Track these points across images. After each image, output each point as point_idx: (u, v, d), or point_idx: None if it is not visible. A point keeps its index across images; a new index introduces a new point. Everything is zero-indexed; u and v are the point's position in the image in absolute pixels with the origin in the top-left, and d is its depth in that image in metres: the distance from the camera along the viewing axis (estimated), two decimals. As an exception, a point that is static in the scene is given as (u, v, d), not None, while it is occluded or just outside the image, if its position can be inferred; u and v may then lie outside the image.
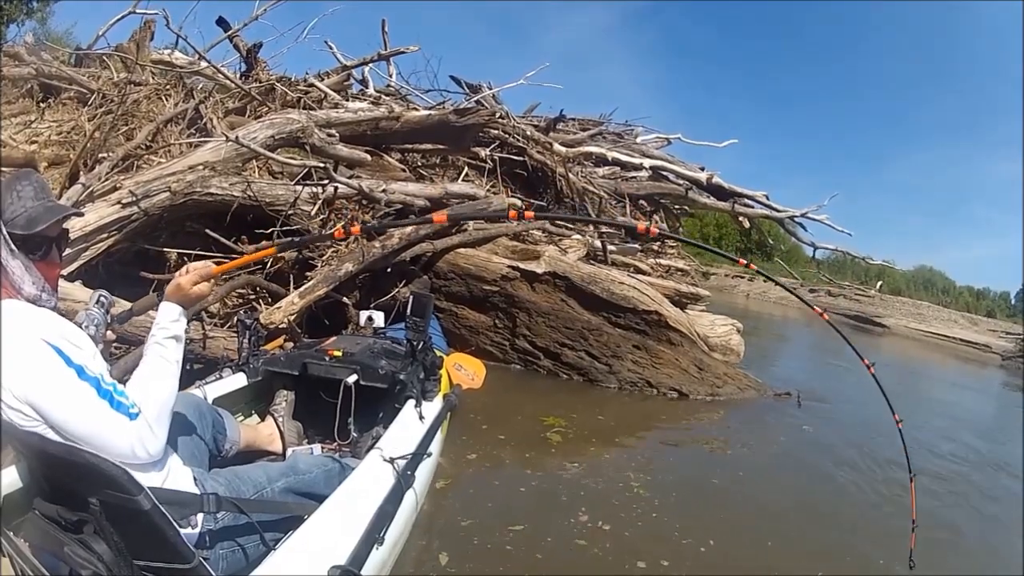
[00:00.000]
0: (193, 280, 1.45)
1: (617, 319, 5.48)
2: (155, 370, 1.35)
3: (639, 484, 3.29)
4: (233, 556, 1.47)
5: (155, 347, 1.38)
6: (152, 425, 1.26)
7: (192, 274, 1.45)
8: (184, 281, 1.44)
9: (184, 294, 1.44)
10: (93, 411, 1.19)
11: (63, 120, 4.91)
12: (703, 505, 3.27)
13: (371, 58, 7.84)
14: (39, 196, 1.29)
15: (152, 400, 1.29)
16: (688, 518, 2.98)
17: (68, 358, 1.19)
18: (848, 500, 3.70)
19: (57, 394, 1.16)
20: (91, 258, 3.47)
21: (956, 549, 3.27)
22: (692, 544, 2.72)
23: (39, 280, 1.27)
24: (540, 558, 2.41)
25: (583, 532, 2.67)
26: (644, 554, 2.55)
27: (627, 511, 2.94)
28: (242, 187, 4.11)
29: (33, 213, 1.26)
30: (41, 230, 1.27)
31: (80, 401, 1.18)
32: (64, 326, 1.24)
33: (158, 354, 1.37)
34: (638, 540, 2.67)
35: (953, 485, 4.42)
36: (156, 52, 6.70)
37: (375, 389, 2.42)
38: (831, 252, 12.35)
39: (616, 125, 11.74)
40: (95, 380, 1.20)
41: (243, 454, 2.04)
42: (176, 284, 1.44)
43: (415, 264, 5.04)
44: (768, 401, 5.80)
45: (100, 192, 3.73)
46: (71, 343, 1.21)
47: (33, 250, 1.26)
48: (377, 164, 5.81)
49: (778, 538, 2.96)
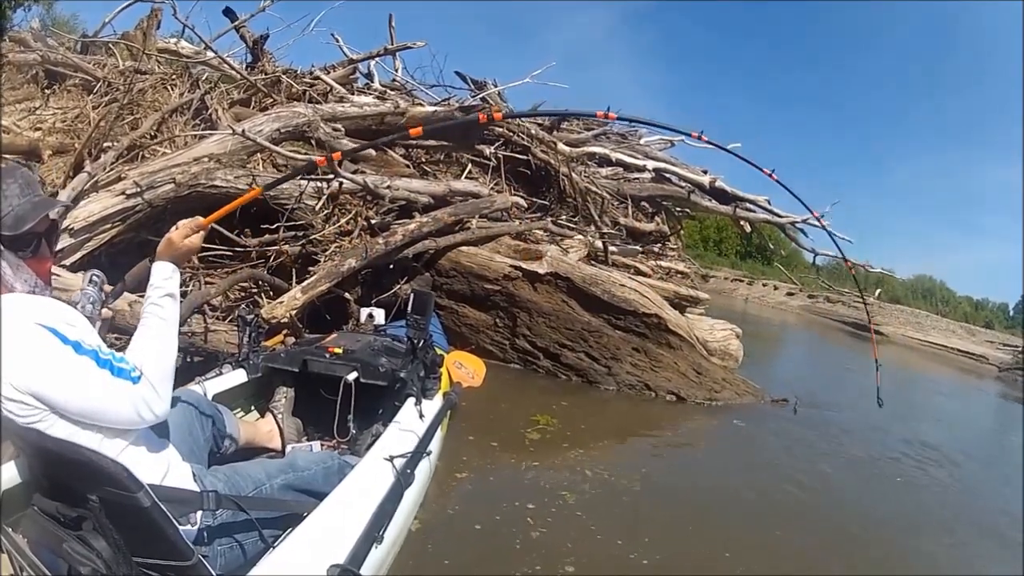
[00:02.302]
0: (183, 234, 1.42)
1: (617, 321, 5.48)
2: (153, 330, 1.33)
3: (590, 488, 3.23)
4: (232, 553, 1.47)
5: (151, 307, 1.36)
6: (156, 386, 1.26)
7: (181, 228, 1.43)
8: (175, 236, 1.42)
9: (175, 249, 1.42)
10: (95, 382, 1.18)
11: (68, 108, 4.90)
12: (644, 509, 3.19)
13: (377, 52, 7.81)
14: (24, 192, 1.26)
15: (153, 360, 1.28)
16: (620, 522, 2.94)
17: (63, 336, 1.18)
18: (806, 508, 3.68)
19: (58, 372, 1.16)
20: (94, 248, 3.47)
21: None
22: (623, 547, 2.68)
23: (31, 277, 1.26)
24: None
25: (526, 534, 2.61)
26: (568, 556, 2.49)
27: (565, 515, 2.88)
28: (247, 180, 4.11)
29: (20, 212, 1.24)
30: (29, 228, 1.25)
31: (81, 374, 1.17)
32: (55, 307, 1.23)
33: (155, 314, 1.35)
34: (566, 543, 2.60)
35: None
36: (162, 41, 6.68)
37: (375, 387, 2.43)
38: (831, 259, 12.32)
39: (620, 126, 11.71)
40: (93, 352, 1.20)
41: (242, 451, 2.05)
42: (167, 240, 1.42)
43: (417, 261, 5.04)
44: (765, 407, 5.81)
45: (105, 182, 3.73)
46: (65, 322, 1.20)
47: (22, 248, 1.25)
48: (381, 160, 5.81)
49: (710, 544, 2.90)
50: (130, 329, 2.78)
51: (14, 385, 1.14)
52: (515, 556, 2.43)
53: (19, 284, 1.23)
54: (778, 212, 10.37)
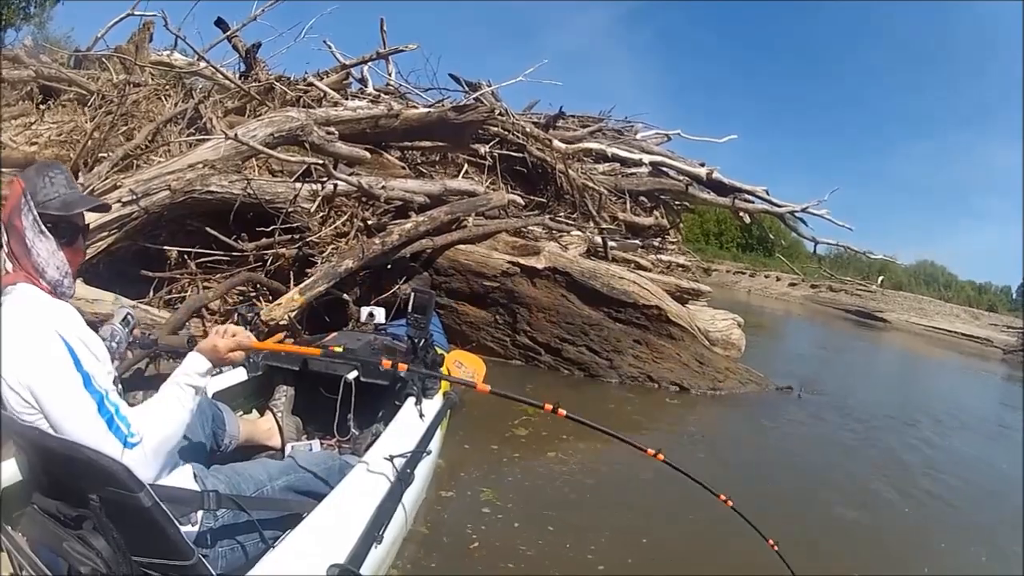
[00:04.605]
0: (230, 346, 1.46)
1: (618, 314, 5.47)
2: (168, 408, 1.35)
3: (591, 482, 3.22)
4: (232, 554, 1.47)
5: (175, 388, 1.38)
6: (148, 456, 1.25)
7: (231, 341, 1.46)
8: (222, 345, 1.45)
9: (218, 355, 1.45)
10: (89, 425, 1.18)
11: (63, 121, 4.92)
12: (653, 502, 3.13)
13: (370, 57, 7.82)
14: (71, 185, 1.33)
15: (157, 433, 1.28)
16: (628, 516, 2.94)
17: (79, 361, 1.19)
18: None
19: (58, 392, 1.16)
20: (92, 256, 3.47)
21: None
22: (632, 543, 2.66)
23: (63, 265, 1.29)
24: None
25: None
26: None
27: (565, 514, 2.83)
28: (242, 185, 4.12)
29: (68, 198, 1.30)
30: (73, 215, 1.31)
31: (79, 410, 1.18)
32: (84, 329, 1.25)
33: (175, 396, 1.37)
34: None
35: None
36: (155, 53, 6.70)
37: (375, 386, 2.42)
38: (832, 247, 12.29)
39: (616, 122, 11.72)
40: (99, 395, 1.20)
41: (242, 449, 2.05)
42: (213, 344, 1.45)
43: (415, 260, 5.04)
44: (769, 395, 5.80)
45: (100, 191, 3.74)
46: (87, 348, 1.22)
47: (62, 235, 1.29)
48: (377, 162, 5.81)
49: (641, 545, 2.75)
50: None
51: (16, 376, 1.15)
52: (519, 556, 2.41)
53: (51, 268, 1.27)
54: (776, 201, 10.35)
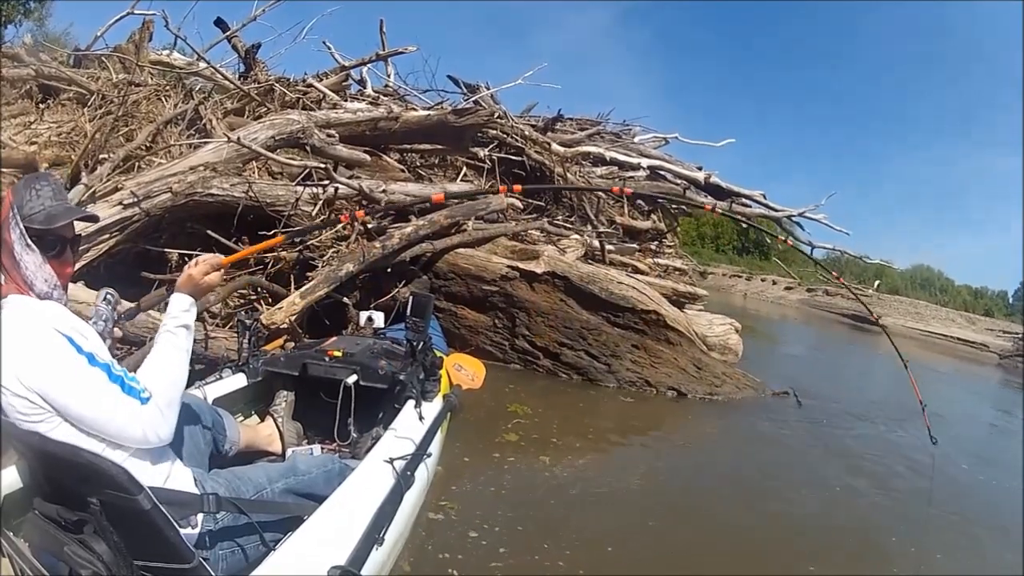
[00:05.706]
0: (204, 271, 1.51)
1: (616, 319, 5.49)
2: (166, 356, 1.38)
3: (587, 486, 3.22)
4: (233, 556, 1.47)
5: (166, 335, 1.41)
6: (163, 409, 1.30)
7: (202, 264, 1.51)
8: (195, 271, 1.50)
9: (195, 284, 1.50)
10: (105, 396, 1.22)
11: (63, 121, 4.91)
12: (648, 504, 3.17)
13: (369, 58, 7.86)
14: (57, 197, 1.33)
15: (163, 385, 1.32)
16: (624, 518, 2.94)
17: (79, 346, 1.22)
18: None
19: (70, 380, 1.19)
20: (93, 259, 3.48)
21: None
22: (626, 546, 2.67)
23: (51, 277, 1.30)
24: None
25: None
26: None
27: (564, 513, 2.87)
28: (243, 188, 4.12)
29: (52, 211, 1.29)
30: (58, 228, 1.30)
31: (92, 386, 1.21)
32: (71, 318, 1.27)
33: (169, 342, 1.40)
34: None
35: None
36: (155, 53, 6.70)
37: (375, 390, 2.42)
38: (829, 251, 12.36)
39: (614, 125, 11.77)
40: (105, 366, 1.24)
41: (243, 454, 2.05)
42: (187, 275, 1.50)
43: (415, 264, 5.05)
44: (765, 400, 5.82)
45: (102, 193, 3.74)
46: (79, 333, 1.25)
47: (48, 248, 1.29)
48: (376, 164, 5.82)
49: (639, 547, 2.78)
50: (136, 340, 2.78)
51: (22, 381, 1.16)
52: (521, 555, 2.43)
53: (39, 281, 1.27)
54: (773, 206, 10.40)
